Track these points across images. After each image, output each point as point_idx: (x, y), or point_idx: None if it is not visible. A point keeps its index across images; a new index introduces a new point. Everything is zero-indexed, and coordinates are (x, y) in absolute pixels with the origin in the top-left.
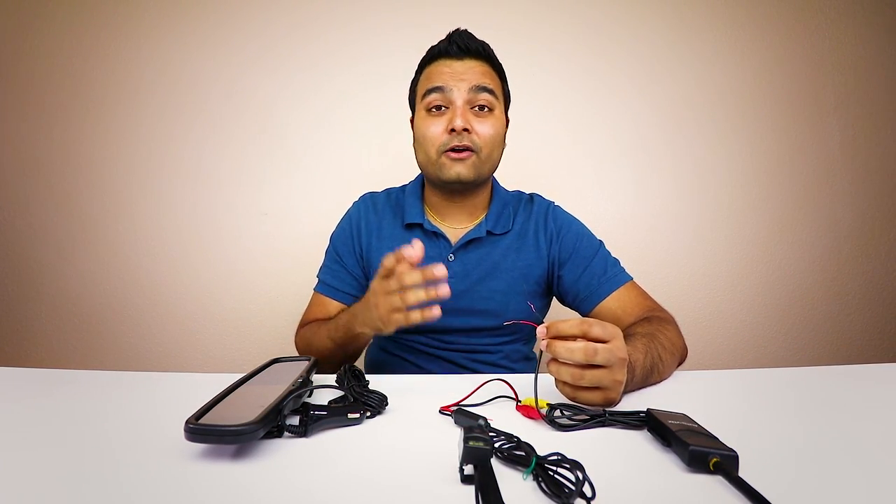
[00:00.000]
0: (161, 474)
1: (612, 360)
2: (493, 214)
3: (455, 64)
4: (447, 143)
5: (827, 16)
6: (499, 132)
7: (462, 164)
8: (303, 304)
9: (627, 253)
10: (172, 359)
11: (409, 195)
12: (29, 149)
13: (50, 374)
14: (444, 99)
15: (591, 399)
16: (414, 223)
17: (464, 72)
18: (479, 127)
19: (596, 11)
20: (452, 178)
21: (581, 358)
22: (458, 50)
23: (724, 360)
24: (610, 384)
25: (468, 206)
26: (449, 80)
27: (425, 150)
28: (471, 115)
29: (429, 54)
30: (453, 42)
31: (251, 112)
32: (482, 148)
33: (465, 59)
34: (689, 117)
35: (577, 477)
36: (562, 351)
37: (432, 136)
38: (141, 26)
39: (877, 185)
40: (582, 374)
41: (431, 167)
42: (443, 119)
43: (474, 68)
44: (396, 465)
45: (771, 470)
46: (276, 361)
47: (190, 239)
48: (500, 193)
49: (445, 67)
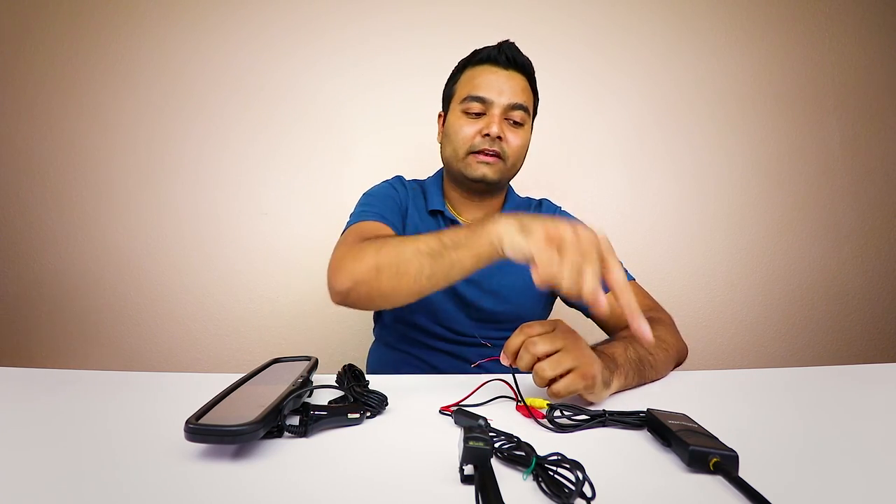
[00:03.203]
0: (161, 474)
1: (557, 343)
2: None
3: (500, 73)
4: (477, 145)
5: (827, 16)
6: (525, 145)
7: (489, 167)
8: (303, 304)
9: (627, 253)
10: (172, 359)
11: (430, 185)
12: (29, 149)
13: (50, 374)
14: (482, 107)
15: (571, 383)
16: (436, 210)
17: (507, 84)
18: (511, 137)
19: (596, 11)
20: (478, 177)
21: (529, 359)
22: (506, 60)
23: (724, 360)
24: (573, 361)
25: (485, 205)
26: (492, 92)
27: (455, 148)
28: (505, 125)
29: (476, 57)
30: (503, 52)
31: (251, 112)
32: (509, 157)
33: (510, 70)
34: (690, 117)
35: (577, 477)
36: (519, 364)
37: (465, 136)
38: (141, 26)
39: (877, 185)
40: (543, 368)
41: (458, 164)
42: (478, 123)
43: (517, 82)
44: (396, 465)
45: (771, 470)
46: (276, 361)
47: (190, 239)
48: (513, 198)
49: (491, 74)
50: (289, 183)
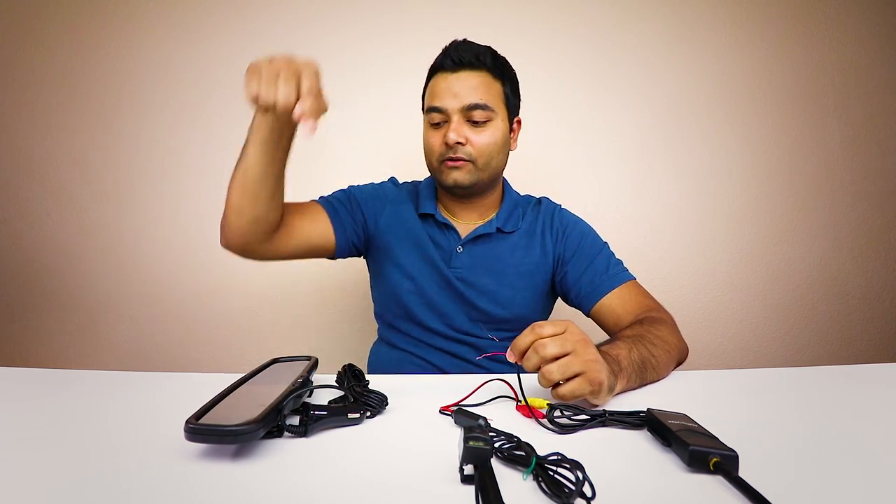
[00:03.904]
0: (161, 474)
1: (567, 346)
2: (504, 212)
3: (450, 78)
4: (445, 153)
5: (827, 16)
6: (496, 140)
7: (458, 172)
8: (303, 304)
9: (627, 253)
10: (172, 359)
11: (424, 188)
12: (29, 149)
13: (50, 374)
14: (442, 116)
15: (578, 388)
16: (427, 213)
17: (458, 87)
18: (475, 138)
19: (596, 12)
20: (450, 184)
21: (537, 361)
22: (452, 63)
23: (724, 360)
24: (582, 366)
25: (477, 206)
26: (444, 99)
27: (428, 158)
28: (466, 127)
29: (431, 68)
30: (448, 56)
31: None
32: (477, 158)
33: (459, 72)
34: (690, 117)
35: (577, 477)
36: (526, 363)
37: (431, 146)
38: (141, 26)
39: (877, 185)
40: (551, 371)
41: (434, 173)
42: (441, 132)
43: (468, 81)
44: (396, 465)
45: (771, 470)
46: (276, 361)
47: (190, 238)
48: (511, 195)
49: (442, 82)
50: (289, 183)
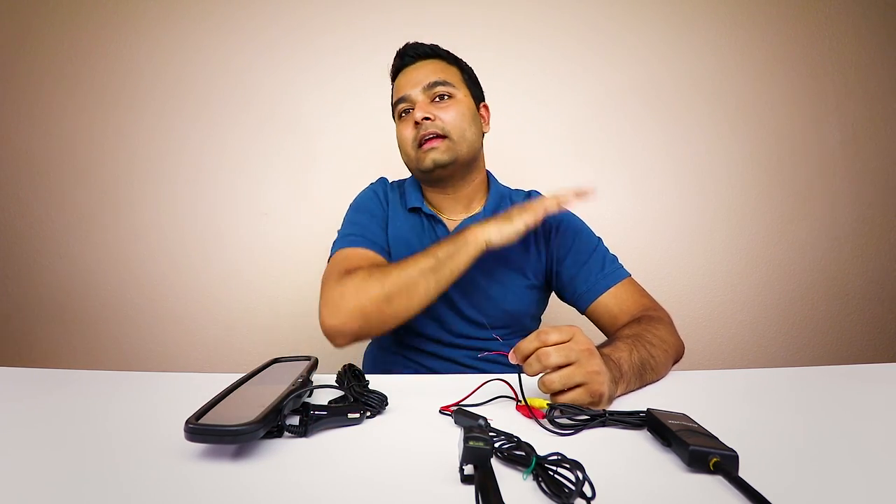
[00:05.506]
0: (161, 474)
1: (572, 356)
2: (491, 203)
3: (409, 70)
4: (416, 136)
5: (827, 16)
6: (464, 112)
7: (435, 150)
8: (303, 304)
9: (627, 253)
10: (172, 359)
11: (409, 185)
12: (29, 148)
13: (50, 374)
14: (408, 104)
15: (578, 398)
16: (414, 207)
17: (416, 75)
18: (442, 113)
19: (595, 11)
20: (430, 165)
21: (539, 368)
22: (409, 58)
23: (724, 360)
24: (584, 377)
25: (461, 197)
26: (407, 86)
27: (405, 151)
28: (431, 106)
29: (391, 73)
30: (404, 55)
31: (252, 112)
32: (450, 131)
33: (417, 63)
34: (690, 117)
35: (577, 477)
36: (527, 369)
37: (405, 136)
38: (141, 26)
39: (877, 185)
40: (553, 380)
41: (413, 164)
42: (410, 119)
43: (425, 69)
44: (396, 465)
45: (771, 470)
46: (276, 361)
47: (190, 239)
48: (497, 187)
49: (402, 77)
50: (289, 183)
